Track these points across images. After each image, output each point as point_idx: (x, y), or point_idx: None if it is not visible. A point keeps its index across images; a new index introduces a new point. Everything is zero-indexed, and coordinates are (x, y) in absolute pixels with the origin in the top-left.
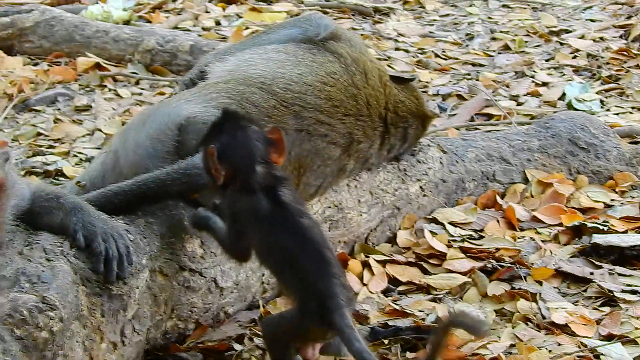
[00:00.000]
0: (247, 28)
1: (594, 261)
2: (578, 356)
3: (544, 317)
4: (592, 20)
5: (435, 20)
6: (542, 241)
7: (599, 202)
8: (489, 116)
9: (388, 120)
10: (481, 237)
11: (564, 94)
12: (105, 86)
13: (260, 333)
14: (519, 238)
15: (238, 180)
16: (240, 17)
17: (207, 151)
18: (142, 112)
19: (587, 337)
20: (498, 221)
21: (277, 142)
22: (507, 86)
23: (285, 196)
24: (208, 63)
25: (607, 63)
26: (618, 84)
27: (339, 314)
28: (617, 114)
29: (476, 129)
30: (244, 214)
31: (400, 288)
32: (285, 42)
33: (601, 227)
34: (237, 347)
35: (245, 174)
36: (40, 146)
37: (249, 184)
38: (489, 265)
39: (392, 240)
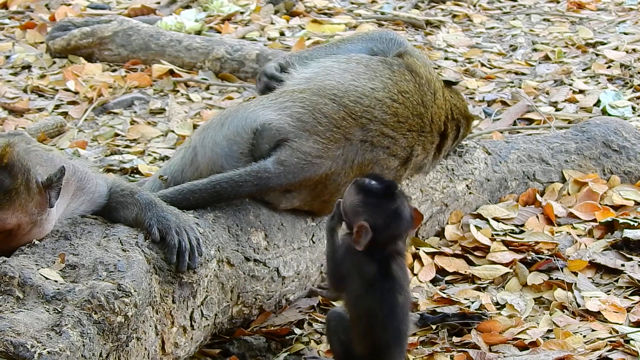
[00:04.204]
0: (309, 38)
1: (624, 254)
2: (610, 341)
3: (578, 305)
4: (625, 34)
5: (481, 32)
6: (578, 235)
7: (629, 200)
8: (530, 121)
9: (447, 131)
10: (522, 232)
11: (599, 101)
12: (178, 91)
13: (318, 319)
14: (556, 232)
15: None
16: (303, 29)
17: (361, 226)
18: (221, 113)
19: (618, 323)
20: (537, 217)
21: (414, 226)
22: (547, 93)
23: (396, 271)
24: (289, 63)
25: (639, 72)
26: None
27: None
28: None
29: (518, 132)
30: (353, 269)
31: (448, 278)
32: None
33: (631, 222)
34: (297, 331)
35: (378, 246)
36: (118, 146)
37: (374, 253)
38: (529, 258)
39: (440, 234)
